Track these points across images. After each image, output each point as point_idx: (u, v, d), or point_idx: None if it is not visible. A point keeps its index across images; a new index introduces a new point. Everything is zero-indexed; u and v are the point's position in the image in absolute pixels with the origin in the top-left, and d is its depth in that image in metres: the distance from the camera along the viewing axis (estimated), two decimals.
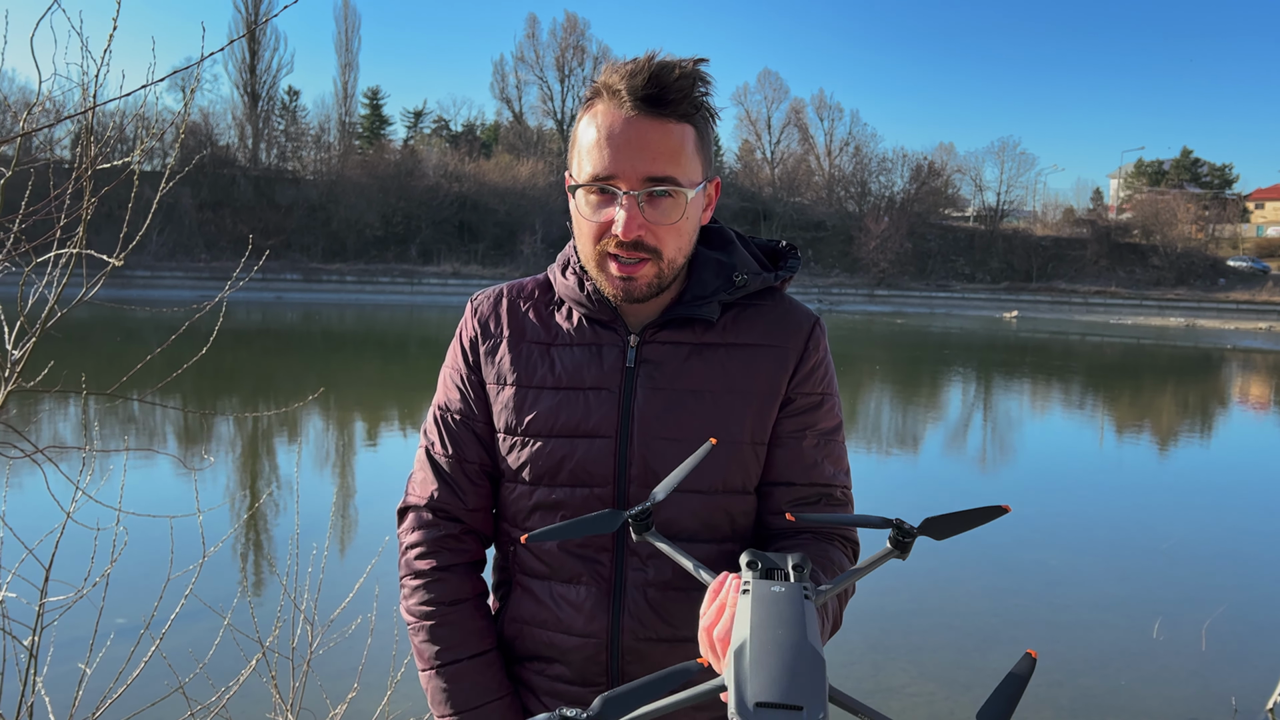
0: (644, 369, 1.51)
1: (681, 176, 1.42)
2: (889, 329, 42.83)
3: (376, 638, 3.77)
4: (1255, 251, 65.03)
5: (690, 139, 1.43)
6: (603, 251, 1.45)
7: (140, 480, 9.25)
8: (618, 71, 1.41)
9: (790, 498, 1.53)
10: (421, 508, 1.59)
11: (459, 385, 1.61)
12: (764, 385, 1.53)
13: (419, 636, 1.55)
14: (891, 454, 13.78)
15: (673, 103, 1.40)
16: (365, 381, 20.08)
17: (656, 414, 1.49)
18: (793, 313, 1.59)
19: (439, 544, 1.57)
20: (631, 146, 1.39)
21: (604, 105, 1.42)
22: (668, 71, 1.39)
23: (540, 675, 1.55)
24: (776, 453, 1.54)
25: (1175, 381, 26.13)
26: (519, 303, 1.62)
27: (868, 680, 5.63)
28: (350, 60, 65.86)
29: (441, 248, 58.37)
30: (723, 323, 1.55)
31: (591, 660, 1.51)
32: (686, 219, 1.45)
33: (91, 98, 2.30)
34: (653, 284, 1.47)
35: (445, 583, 1.55)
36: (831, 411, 1.58)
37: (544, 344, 1.56)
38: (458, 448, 1.58)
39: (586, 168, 1.42)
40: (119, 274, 2.64)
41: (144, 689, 2.87)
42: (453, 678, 1.52)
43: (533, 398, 1.53)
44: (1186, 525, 9.83)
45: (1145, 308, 57.03)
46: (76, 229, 2.39)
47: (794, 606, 1.07)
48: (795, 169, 69.73)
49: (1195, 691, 5.77)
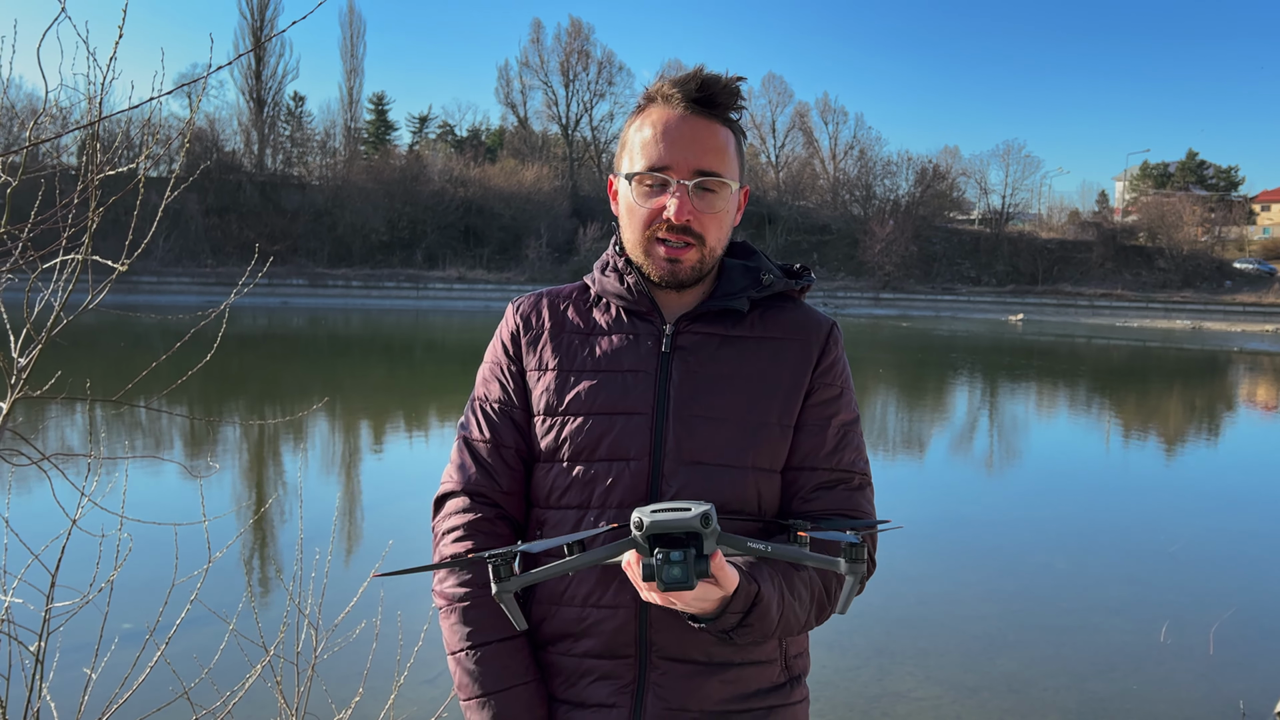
0: (678, 354, 1.63)
1: (726, 172, 1.59)
2: (894, 332, 42.78)
3: (381, 642, 3.77)
4: (1261, 253, 64.91)
5: (732, 142, 1.62)
6: (652, 237, 1.60)
7: (146, 486, 9.27)
8: (670, 80, 1.60)
9: (814, 482, 1.62)
10: (458, 493, 1.66)
11: (499, 377, 1.71)
12: (789, 374, 1.65)
13: (451, 619, 1.60)
14: (898, 457, 13.76)
15: (721, 106, 1.59)
16: (371, 386, 20.10)
17: (690, 393, 1.60)
18: (813, 314, 1.74)
19: (474, 527, 1.62)
20: (685, 140, 1.57)
21: (657, 109, 1.60)
22: (716, 81, 1.58)
23: (568, 655, 1.59)
24: (801, 439, 1.64)
25: (1182, 384, 26.06)
26: (559, 302, 1.75)
27: (874, 685, 5.61)
28: (355, 66, 66.18)
29: (447, 252, 58.50)
30: (750, 320, 1.68)
31: (621, 630, 1.55)
32: (727, 212, 1.63)
33: (98, 107, 2.31)
34: (695, 267, 1.61)
35: (478, 565, 1.59)
36: (850, 405, 1.70)
37: (584, 334, 1.69)
38: (495, 433, 1.67)
39: (640, 160, 1.59)
40: (125, 280, 2.65)
41: (149, 695, 2.88)
42: (482, 660, 1.56)
43: (574, 380, 1.64)
44: (1194, 528, 9.79)
45: (1151, 310, 56.92)
46: (82, 236, 2.40)
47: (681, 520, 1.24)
48: (800, 173, 69.79)
49: (1203, 695, 5.75)
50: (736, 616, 1.41)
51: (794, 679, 1.65)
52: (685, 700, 1.54)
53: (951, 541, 9.05)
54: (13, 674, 2.59)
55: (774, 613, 1.45)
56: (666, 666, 1.55)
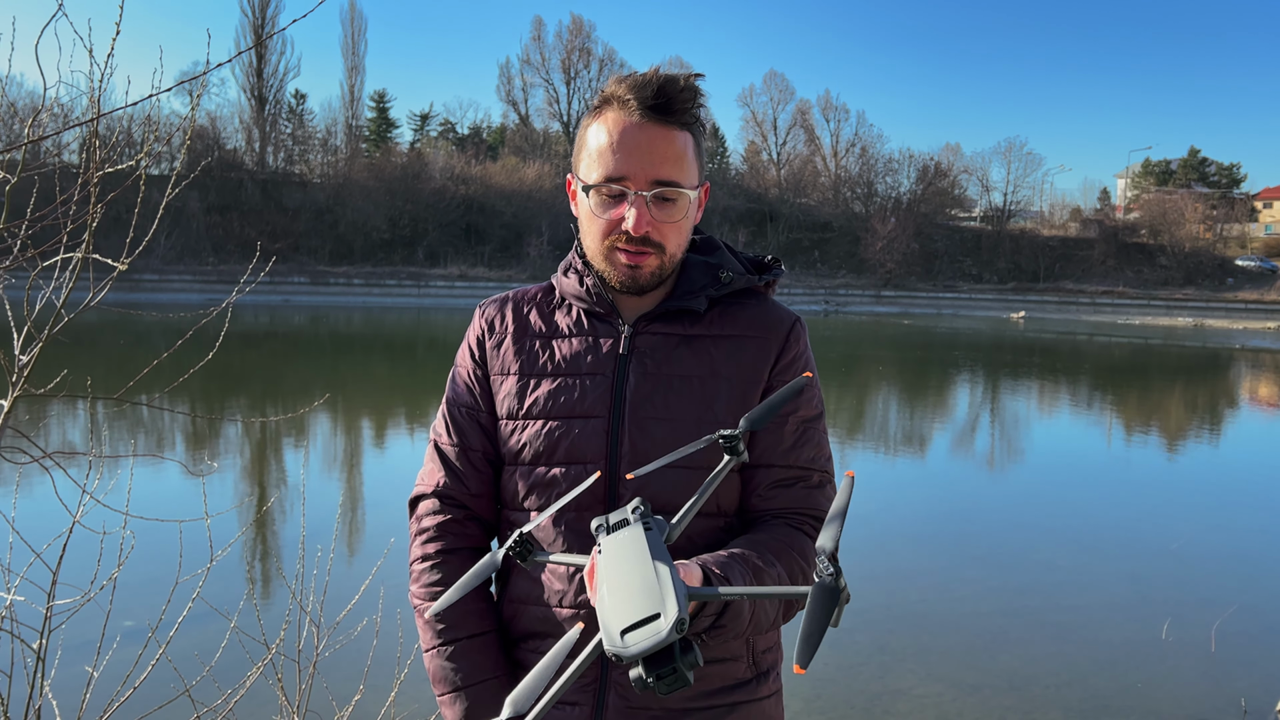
0: (635, 356, 1.63)
1: (684, 180, 1.57)
2: (896, 330, 42.76)
3: (382, 639, 3.78)
4: (1263, 251, 64.83)
5: (690, 146, 1.59)
6: (611, 246, 1.59)
7: (148, 484, 9.27)
8: (625, 82, 1.56)
9: (770, 479, 1.62)
10: (428, 495, 1.71)
11: (465, 380, 1.73)
12: (747, 371, 1.63)
13: (425, 617, 1.64)
14: (899, 454, 13.75)
15: (677, 112, 1.56)
16: (372, 384, 20.11)
17: (645, 395, 1.60)
18: (775, 310, 1.71)
19: (444, 529, 1.68)
20: (641, 150, 1.54)
21: (613, 113, 1.57)
22: (673, 84, 1.55)
23: (536, 654, 1.60)
24: (759, 435, 1.62)
25: (1184, 382, 26.04)
26: (523, 305, 1.76)
27: (875, 682, 5.61)
28: (357, 64, 66.06)
29: (448, 250, 58.46)
30: (709, 318, 1.67)
31: (585, 632, 1.52)
32: (686, 218, 1.61)
33: (96, 103, 2.31)
34: (655, 273, 1.61)
35: (449, 565, 1.65)
36: (812, 401, 1.67)
37: (545, 337, 1.69)
38: (463, 437, 1.70)
39: (596, 170, 1.57)
40: (126, 278, 2.65)
41: (151, 692, 2.88)
42: (454, 656, 1.61)
43: (534, 385, 1.65)
44: (1196, 525, 9.79)
45: (1153, 308, 56.87)
46: (83, 234, 2.40)
47: (636, 542, 1.16)
48: (801, 170, 69.68)
49: (1205, 692, 5.75)
50: (709, 619, 1.39)
51: (761, 674, 1.64)
52: (646, 698, 1.54)
53: (953, 539, 9.05)
54: (15, 672, 2.59)
55: (745, 613, 1.44)
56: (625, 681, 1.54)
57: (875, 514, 9.17)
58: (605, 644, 1.09)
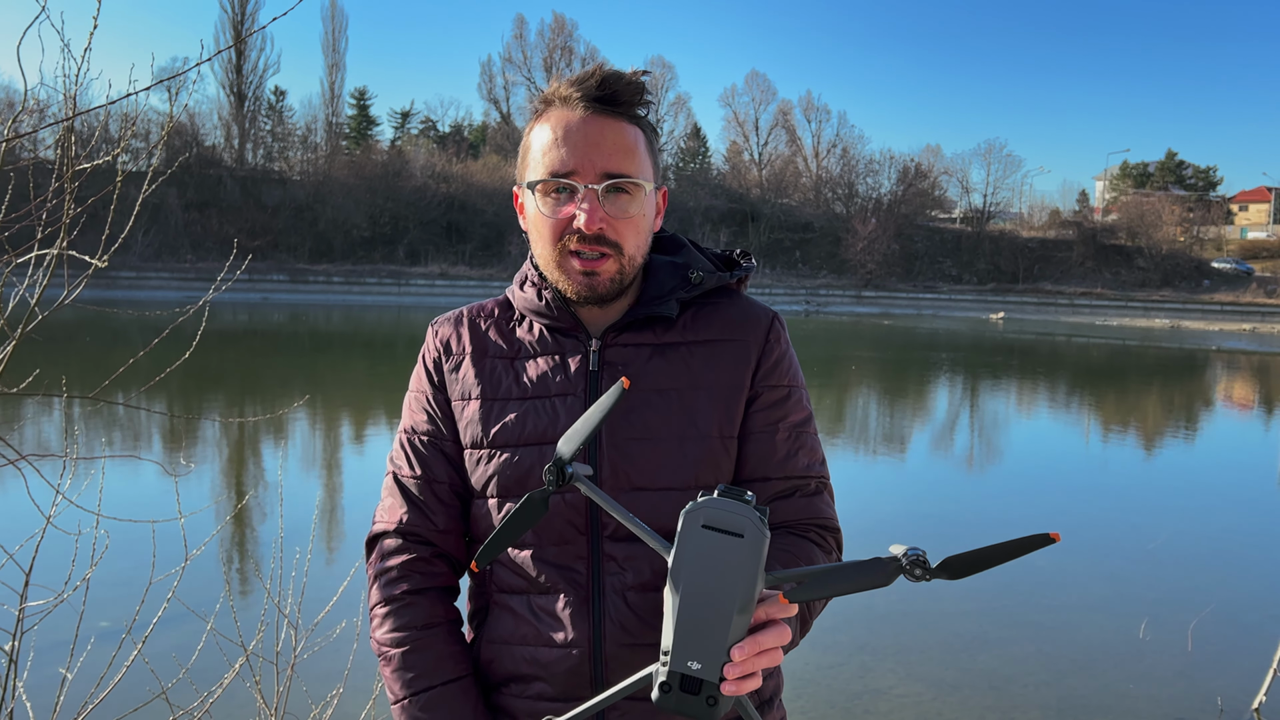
0: (607, 371, 1.51)
1: (637, 172, 1.47)
2: (876, 330, 42.93)
3: (361, 641, 3.74)
4: (1239, 253, 65.42)
5: (641, 140, 1.49)
6: (564, 249, 1.47)
7: (122, 484, 9.18)
8: (566, 81, 1.47)
9: (768, 493, 1.52)
10: (390, 533, 1.55)
11: (425, 407, 1.59)
12: (728, 379, 1.53)
13: (391, 666, 1.49)
14: (878, 456, 13.80)
15: (625, 103, 1.47)
16: (352, 383, 20.01)
17: (622, 413, 1.47)
18: (751, 308, 1.60)
19: (410, 568, 1.52)
20: (589, 143, 1.44)
21: (556, 111, 1.47)
22: (617, 77, 1.46)
23: (519, 698, 1.49)
24: (749, 448, 1.53)
25: (1161, 382, 26.27)
26: (479, 321, 1.62)
27: (855, 681, 5.63)
28: (337, 61, 65.71)
29: (429, 249, 58.24)
30: (682, 322, 1.56)
31: (574, 672, 1.45)
32: (644, 215, 1.50)
33: (72, 99, 2.28)
34: (615, 280, 1.49)
35: (417, 607, 1.50)
36: (800, 404, 1.58)
37: (507, 358, 1.56)
38: (426, 468, 1.56)
39: (541, 167, 1.46)
40: (104, 275, 2.61)
41: (126, 694, 2.85)
42: (427, 705, 1.45)
43: (498, 410, 1.52)
44: (1172, 526, 9.88)
45: (1131, 309, 57.27)
46: (59, 230, 2.37)
47: (743, 569, 1.10)
48: (783, 170, 69.83)
49: (1181, 691, 5.80)
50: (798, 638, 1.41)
51: (764, 703, 1.55)
52: None
53: (932, 539, 9.08)
54: None
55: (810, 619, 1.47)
56: (626, 706, 1.43)
57: (854, 514, 9.18)
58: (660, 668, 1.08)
